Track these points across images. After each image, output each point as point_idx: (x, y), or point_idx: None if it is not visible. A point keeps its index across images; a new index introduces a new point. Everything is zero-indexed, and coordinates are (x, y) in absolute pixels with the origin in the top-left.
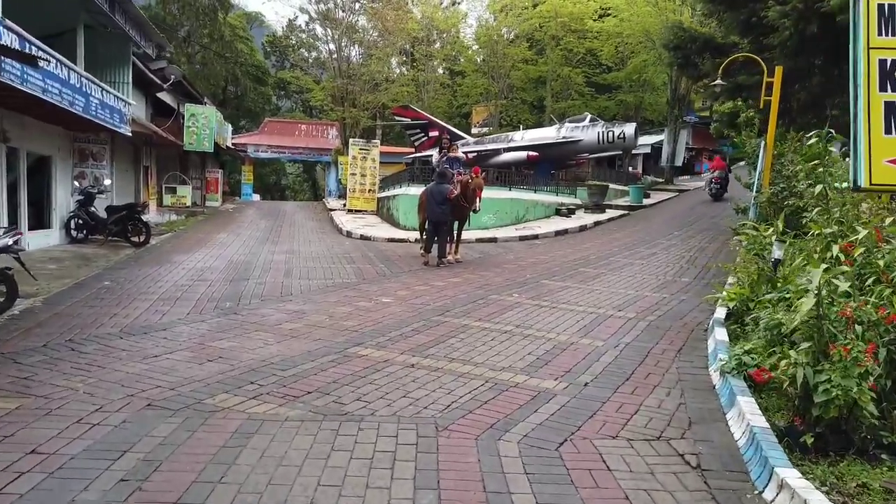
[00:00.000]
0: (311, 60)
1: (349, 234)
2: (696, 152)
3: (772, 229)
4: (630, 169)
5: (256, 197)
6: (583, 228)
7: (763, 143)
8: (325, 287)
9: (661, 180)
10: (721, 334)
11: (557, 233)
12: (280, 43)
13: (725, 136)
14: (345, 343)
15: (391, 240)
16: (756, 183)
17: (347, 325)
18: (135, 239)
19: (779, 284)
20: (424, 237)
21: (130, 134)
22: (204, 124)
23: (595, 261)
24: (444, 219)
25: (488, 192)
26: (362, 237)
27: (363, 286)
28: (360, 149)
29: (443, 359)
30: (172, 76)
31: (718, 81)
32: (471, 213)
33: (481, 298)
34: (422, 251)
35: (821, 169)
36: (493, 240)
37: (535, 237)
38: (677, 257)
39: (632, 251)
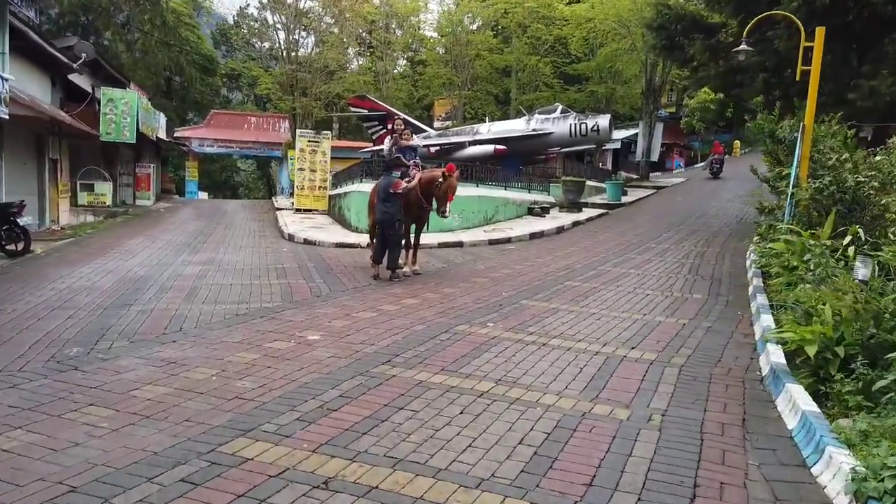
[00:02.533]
0: (263, 51)
1: (291, 238)
2: (666, 148)
3: (823, 236)
4: (600, 165)
5: (203, 195)
6: (560, 230)
7: (801, 127)
8: (235, 316)
9: (635, 177)
10: (803, 399)
11: (532, 235)
12: (230, 32)
13: (696, 130)
14: (227, 429)
15: (339, 245)
16: (792, 176)
17: (241, 388)
18: (10, 247)
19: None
20: (374, 243)
21: (7, 117)
22: (124, 111)
23: (582, 271)
24: (391, 220)
25: None
26: (306, 241)
27: (287, 314)
28: (309, 141)
29: (383, 464)
30: (83, 55)
31: (743, 47)
32: (434, 214)
33: (445, 331)
34: (371, 261)
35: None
36: (459, 244)
37: (508, 241)
38: (676, 265)
39: (622, 258)
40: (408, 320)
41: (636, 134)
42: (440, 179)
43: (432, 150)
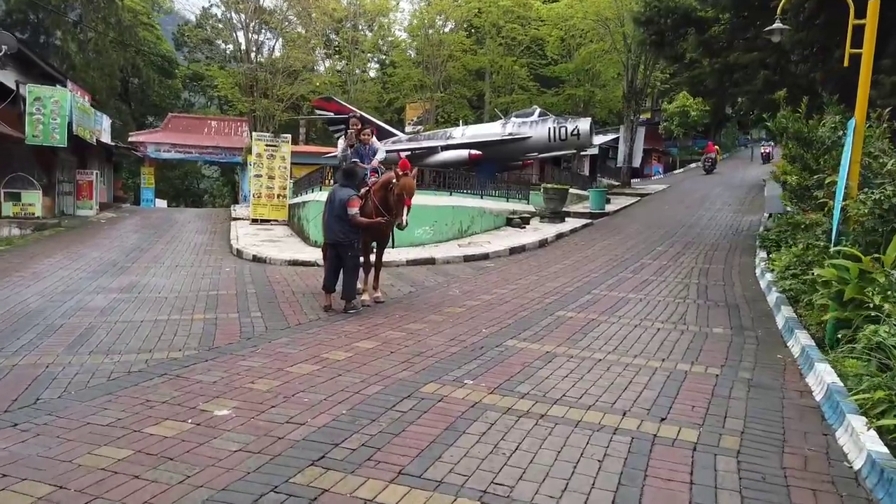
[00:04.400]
0: (228, 53)
1: (239, 254)
2: (645, 154)
3: (887, 262)
4: (578, 171)
5: (162, 203)
6: (543, 244)
7: (852, 126)
8: (124, 376)
9: (616, 183)
10: None
11: (512, 250)
12: (188, 31)
13: (673, 136)
14: None
15: (292, 262)
16: (840, 186)
17: None
18: None
19: None
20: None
21: None
22: (54, 111)
23: (574, 296)
24: (346, 241)
25: (423, 199)
26: (255, 258)
27: (198, 370)
28: (267, 144)
29: None
30: (4, 47)
31: (777, 25)
32: (395, 228)
33: (407, 396)
34: (323, 289)
35: None
36: (431, 261)
37: (486, 257)
38: (680, 287)
39: (616, 278)
40: (359, 377)
41: (615, 139)
42: (393, 181)
43: (403, 155)
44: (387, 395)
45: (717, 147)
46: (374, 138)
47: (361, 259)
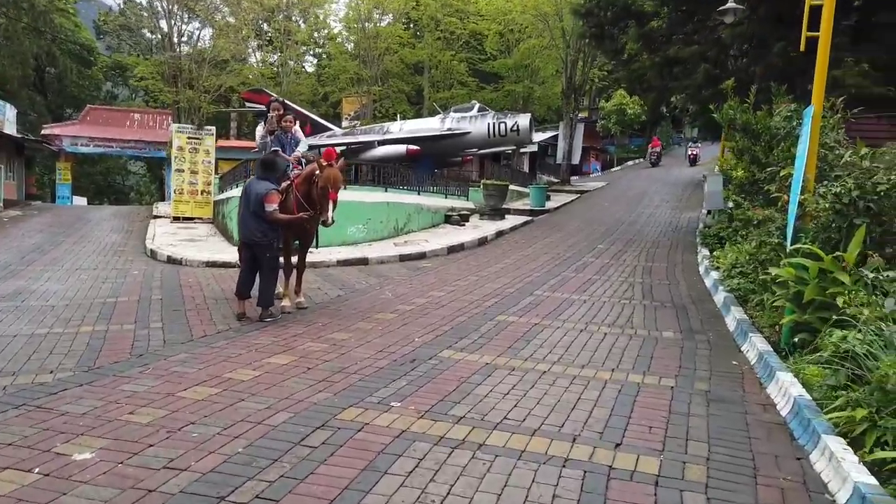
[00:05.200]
0: (154, 42)
1: (153, 255)
2: (583, 151)
3: (849, 260)
4: (517, 168)
5: (81, 201)
6: (483, 242)
7: (810, 113)
8: None
9: (556, 180)
10: None
11: (451, 249)
12: (107, 18)
13: (611, 134)
14: None
15: (211, 264)
16: (797, 179)
17: None
18: None
19: None
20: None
21: None
22: None
23: (515, 297)
24: (263, 240)
25: (356, 194)
26: (169, 259)
27: (66, 398)
28: (189, 137)
29: None
30: None
31: (732, 5)
32: (320, 226)
33: (322, 425)
34: (236, 295)
35: None
36: (363, 261)
37: (422, 256)
38: (625, 286)
39: (559, 278)
40: (265, 402)
41: (554, 136)
42: (317, 171)
43: (338, 150)
44: (296, 426)
45: (661, 142)
46: (297, 126)
47: (281, 260)
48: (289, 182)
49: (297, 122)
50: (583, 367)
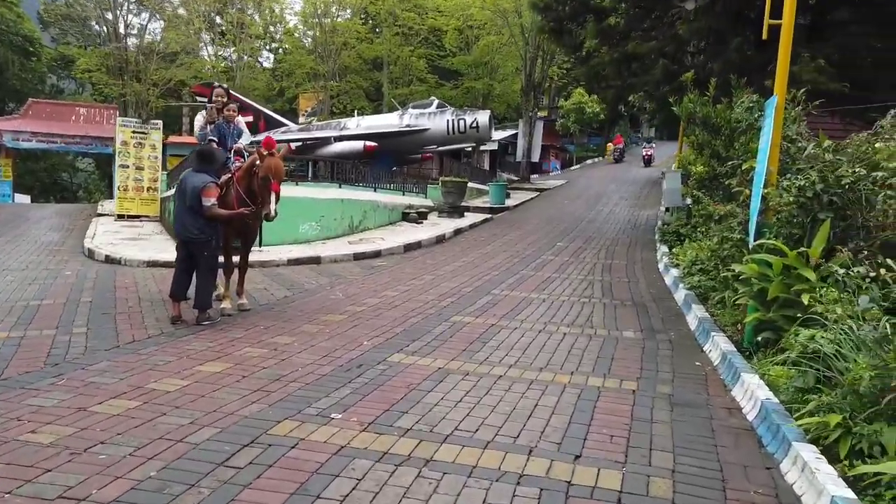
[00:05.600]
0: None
1: (91, 255)
2: (543, 150)
3: (814, 255)
4: (478, 166)
5: (24, 199)
6: (440, 240)
7: (773, 104)
8: None
9: (516, 178)
10: None
11: (407, 247)
12: (54, 9)
13: (570, 133)
14: None
15: (151, 263)
16: (760, 172)
17: None
18: None
19: None
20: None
21: None
22: None
23: (472, 297)
24: (200, 237)
25: (310, 191)
26: (108, 259)
27: None
28: (134, 131)
29: None
30: None
31: None
32: (267, 222)
33: (252, 441)
34: (170, 297)
35: None
36: (315, 260)
37: (377, 254)
38: (584, 285)
39: (517, 276)
40: (190, 416)
41: (514, 135)
42: (257, 162)
43: (293, 146)
44: (221, 443)
45: (623, 139)
46: (240, 116)
47: (222, 259)
48: (229, 175)
49: (254, 115)
50: (541, 370)
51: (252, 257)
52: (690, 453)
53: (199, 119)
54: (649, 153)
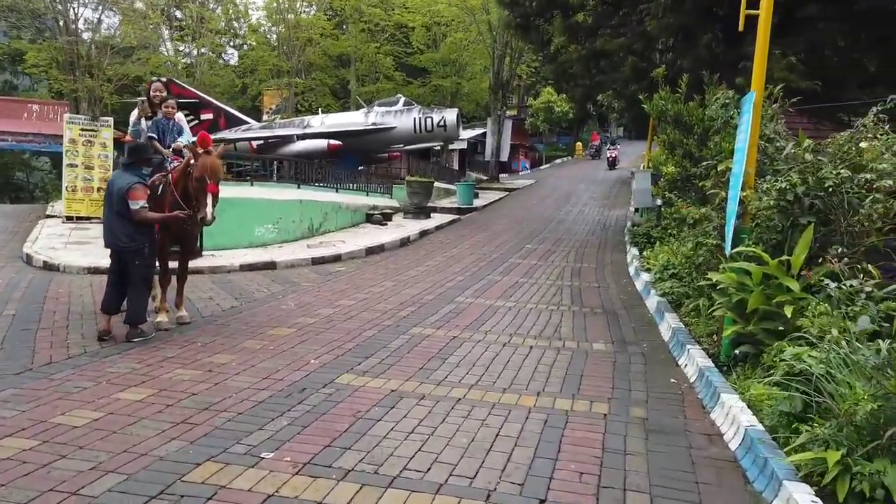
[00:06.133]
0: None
1: (28, 260)
2: (512, 149)
3: (795, 264)
4: (447, 165)
5: None
6: (405, 242)
7: (751, 100)
8: None
9: (485, 178)
10: None
11: (370, 250)
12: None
13: (539, 132)
14: None
15: (93, 270)
16: (739, 174)
17: None
18: None
19: None
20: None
21: None
22: None
23: (434, 305)
24: (130, 245)
25: (266, 191)
26: (46, 265)
27: None
28: (83, 129)
29: None
30: None
31: None
32: (202, 226)
33: (164, 489)
34: (101, 310)
35: None
36: (271, 265)
37: (337, 259)
38: (553, 290)
39: (483, 281)
40: (92, 458)
41: (483, 134)
42: (191, 161)
43: (255, 144)
44: (124, 495)
45: (599, 136)
46: (181, 113)
47: (159, 267)
48: (165, 175)
49: (214, 112)
50: (504, 390)
51: (202, 262)
52: (669, 493)
53: (134, 114)
54: (613, 155)
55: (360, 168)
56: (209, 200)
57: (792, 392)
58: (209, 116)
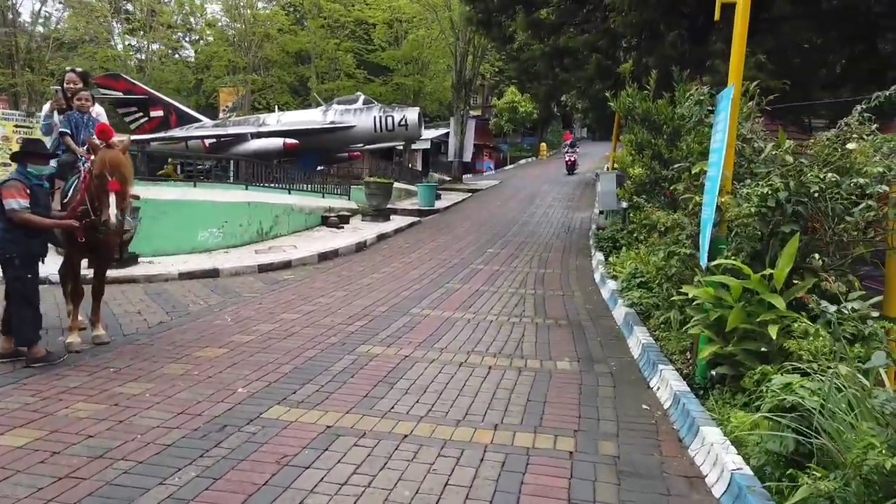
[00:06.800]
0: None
1: None
2: (476, 149)
3: (778, 278)
4: (410, 166)
5: None
6: (361, 247)
7: (729, 95)
8: None
9: (448, 178)
10: None
11: (322, 256)
12: None
13: (503, 132)
14: None
15: None
16: (717, 178)
17: None
18: None
19: None
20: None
21: None
22: None
23: (387, 318)
24: (25, 254)
25: (210, 193)
26: None
27: None
28: (17, 125)
29: None
30: None
31: None
32: (122, 236)
33: None
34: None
35: None
36: (213, 273)
37: (287, 265)
38: (515, 299)
39: (442, 289)
40: None
41: (447, 133)
42: (91, 157)
43: (207, 143)
44: None
45: (573, 135)
46: (98, 106)
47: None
48: (77, 175)
49: (164, 109)
50: (458, 423)
51: (137, 270)
52: None
53: (45, 108)
54: (572, 158)
55: (319, 168)
56: (112, 201)
57: (783, 428)
58: (159, 113)
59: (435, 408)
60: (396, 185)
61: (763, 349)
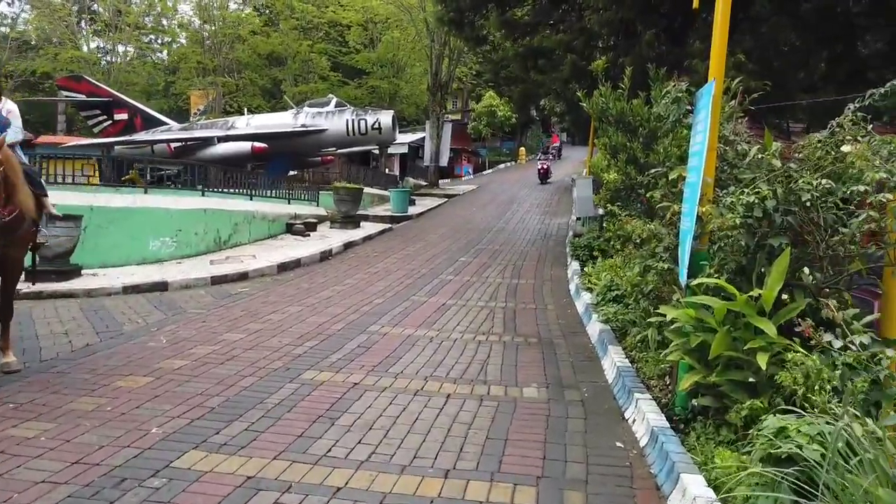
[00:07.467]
0: None
1: None
2: (455, 154)
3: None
4: (387, 170)
5: None
6: (326, 256)
7: (710, 91)
8: None
9: (424, 183)
10: None
11: (283, 266)
12: None
13: (482, 137)
14: None
15: None
16: (694, 185)
17: None
18: None
19: None
20: None
21: None
22: None
23: (341, 339)
24: None
25: (163, 199)
26: None
27: None
28: None
29: None
30: None
31: None
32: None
33: None
34: None
35: None
36: (161, 286)
37: (243, 277)
38: (484, 313)
39: (406, 303)
40: None
41: (423, 138)
42: None
43: (173, 147)
44: None
45: (559, 138)
46: (10, 103)
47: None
48: None
49: (129, 112)
50: (403, 469)
51: (77, 284)
52: None
53: None
54: (545, 166)
55: (291, 173)
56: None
57: (777, 486)
58: (124, 116)
59: (379, 450)
60: (369, 190)
61: (751, 379)
